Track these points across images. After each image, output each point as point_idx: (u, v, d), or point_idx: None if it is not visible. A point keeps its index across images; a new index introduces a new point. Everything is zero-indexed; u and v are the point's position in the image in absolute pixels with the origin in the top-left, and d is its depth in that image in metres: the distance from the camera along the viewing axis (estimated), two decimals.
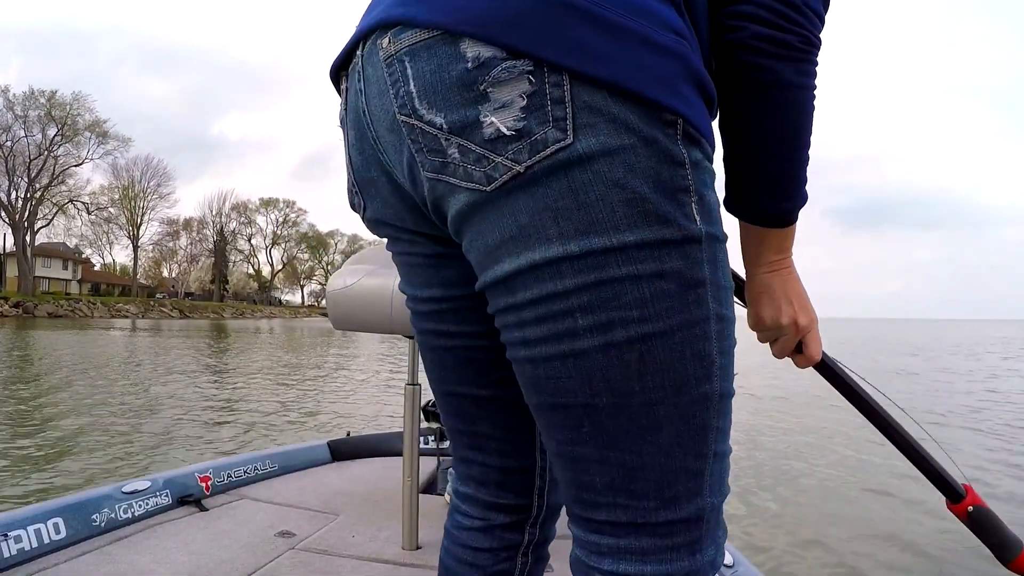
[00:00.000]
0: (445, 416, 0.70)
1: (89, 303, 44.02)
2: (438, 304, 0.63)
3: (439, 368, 0.67)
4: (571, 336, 0.47)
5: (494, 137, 0.45)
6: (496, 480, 0.68)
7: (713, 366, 0.49)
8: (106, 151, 52.96)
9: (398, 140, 0.51)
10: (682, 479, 0.49)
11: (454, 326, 0.63)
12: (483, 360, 0.63)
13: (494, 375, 0.63)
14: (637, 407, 0.47)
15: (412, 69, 0.48)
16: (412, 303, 0.66)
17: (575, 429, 0.50)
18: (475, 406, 0.66)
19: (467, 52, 0.45)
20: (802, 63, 0.52)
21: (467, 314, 0.61)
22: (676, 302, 0.46)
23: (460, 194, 0.48)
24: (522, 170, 0.45)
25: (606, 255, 0.45)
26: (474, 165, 0.47)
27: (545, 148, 0.44)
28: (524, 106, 0.44)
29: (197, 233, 69.92)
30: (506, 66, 0.44)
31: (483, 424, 0.67)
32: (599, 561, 0.52)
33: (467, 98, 0.46)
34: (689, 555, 0.51)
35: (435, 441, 2.41)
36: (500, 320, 0.52)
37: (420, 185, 0.52)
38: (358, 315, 1.48)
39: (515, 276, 0.48)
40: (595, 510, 0.51)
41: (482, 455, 0.68)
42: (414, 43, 0.47)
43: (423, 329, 0.66)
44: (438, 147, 0.48)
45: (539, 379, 0.50)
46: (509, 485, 0.68)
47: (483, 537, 0.69)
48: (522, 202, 0.46)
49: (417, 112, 0.48)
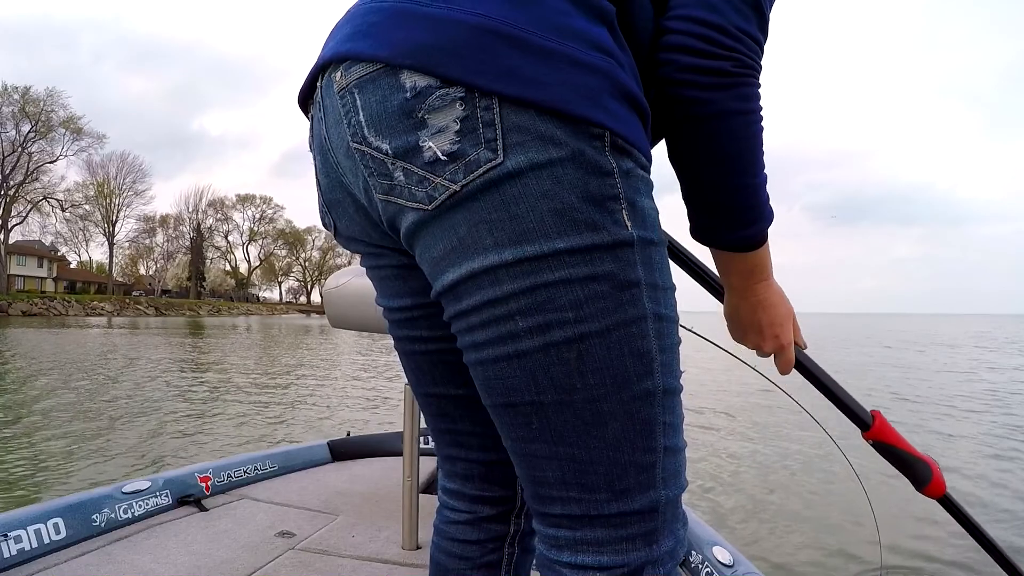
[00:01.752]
0: (428, 416, 0.73)
1: (64, 301, 43.30)
2: (410, 312, 0.66)
3: (417, 372, 0.69)
4: (513, 338, 0.50)
5: (432, 160, 0.49)
6: (480, 474, 0.71)
7: (653, 363, 0.51)
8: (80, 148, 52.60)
9: (353, 165, 0.55)
10: (632, 472, 0.51)
11: (426, 331, 0.66)
12: (455, 362, 0.65)
13: (468, 375, 0.65)
14: (581, 403, 0.50)
15: (360, 100, 0.51)
16: (387, 313, 0.70)
17: (525, 427, 0.52)
18: (454, 405, 0.69)
19: (406, 82, 0.49)
20: (741, 87, 0.53)
21: (436, 320, 0.63)
22: (610, 303, 0.49)
23: (408, 213, 0.52)
24: (458, 189, 0.48)
25: (539, 261, 0.48)
26: (417, 186, 0.50)
27: (478, 168, 0.48)
28: (458, 130, 0.48)
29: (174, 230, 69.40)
30: (440, 94, 0.48)
31: (463, 422, 0.69)
32: (558, 554, 0.54)
33: (407, 125, 0.49)
34: (645, 546, 0.52)
35: None
36: (453, 327, 0.54)
37: (375, 204, 0.55)
38: (352, 314, 1.49)
39: (458, 284, 0.51)
40: (551, 504, 0.54)
41: (464, 451, 0.70)
42: (361, 76, 0.51)
43: (399, 336, 0.69)
44: (385, 171, 0.52)
45: (489, 380, 0.53)
46: (493, 478, 0.70)
47: (471, 530, 0.71)
48: (460, 217, 0.49)
49: (367, 140, 0.52)
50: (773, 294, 0.67)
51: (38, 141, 48.99)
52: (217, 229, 74.07)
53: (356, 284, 1.48)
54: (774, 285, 0.67)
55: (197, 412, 5.86)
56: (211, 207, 72.72)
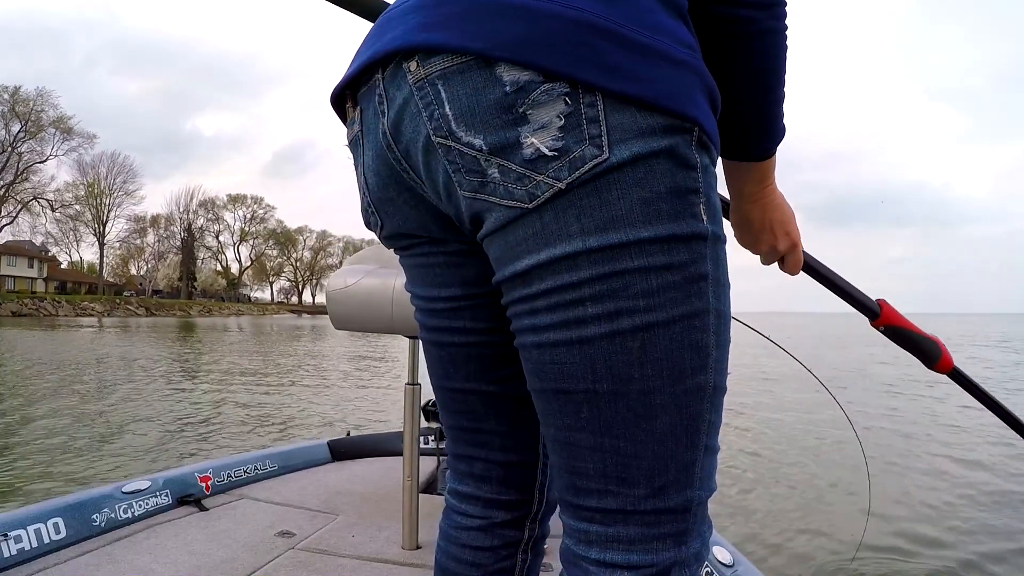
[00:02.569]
0: (449, 414, 0.71)
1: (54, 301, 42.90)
2: (456, 302, 0.65)
3: (448, 365, 0.68)
4: (579, 324, 0.49)
5: (535, 157, 0.48)
6: (499, 476, 0.69)
7: (709, 358, 0.51)
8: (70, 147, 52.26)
9: (432, 160, 0.52)
10: (673, 469, 0.51)
11: (469, 323, 0.65)
12: (492, 356, 0.65)
13: (502, 371, 0.66)
14: (635, 394, 0.50)
15: (446, 93, 0.49)
16: (426, 303, 0.68)
17: (574, 415, 0.52)
18: (482, 403, 0.68)
19: (503, 76, 0.47)
20: (776, 7, 0.57)
21: (481, 311, 0.64)
22: (679, 294, 0.49)
23: (498, 211, 0.50)
24: (564, 187, 0.47)
25: (621, 249, 0.48)
26: (515, 184, 0.49)
27: (584, 165, 0.47)
28: (562, 126, 0.47)
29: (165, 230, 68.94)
30: (544, 89, 0.47)
31: (489, 420, 0.68)
32: (587, 549, 0.54)
33: (506, 120, 0.48)
34: (675, 546, 0.52)
35: (435, 441, 2.42)
36: (513, 309, 0.54)
37: (456, 202, 0.53)
38: (359, 315, 1.49)
39: (532, 270, 0.50)
40: (586, 496, 0.53)
41: (485, 451, 0.69)
42: (446, 67, 0.49)
43: (436, 327, 0.68)
44: (477, 168, 0.50)
45: (544, 364, 0.52)
46: (511, 481, 0.69)
47: (484, 536, 0.69)
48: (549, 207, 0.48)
49: (454, 134, 0.50)
50: (779, 196, 0.70)
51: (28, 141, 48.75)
52: (208, 229, 74.03)
53: (365, 284, 1.48)
54: (778, 188, 0.70)
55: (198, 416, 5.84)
56: (202, 207, 72.74)
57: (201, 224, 72.71)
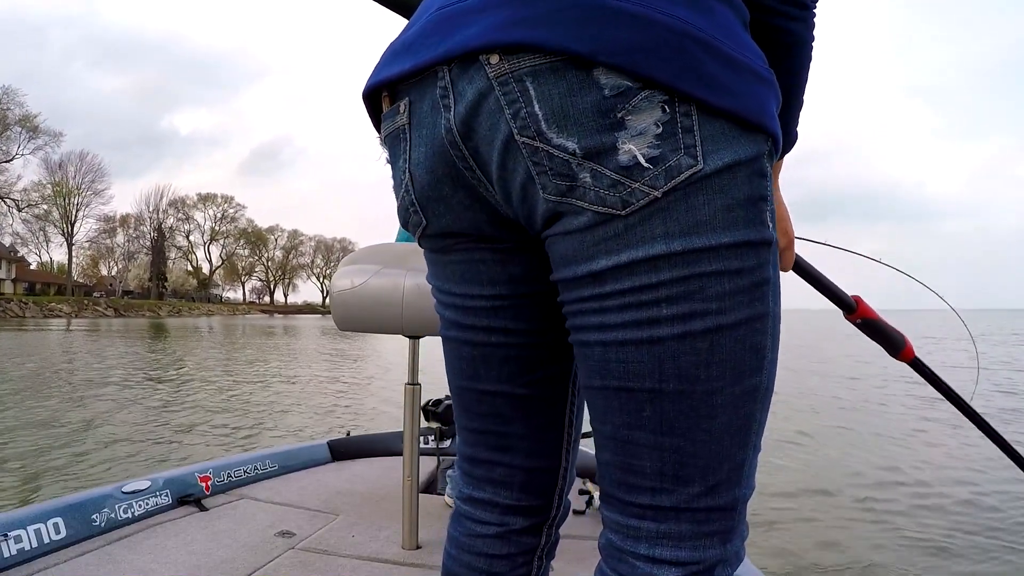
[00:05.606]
0: (471, 416, 0.69)
1: (21, 302, 42.64)
2: (499, 301, 0.63)
3: (480, 365, 0.66)
4: (652, 324, 0.50)
5: (631, 164, 0.47)
6: (521, 481, 0.68)
7: (765, 360, 0.52)
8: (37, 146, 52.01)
9: (511, 160, 0.51)
10: (725, 468, 0.52)
11: (510, 323, 0.64)
12: (528, 357, 0.65)
13: (536, 373, 0.65)
14: (700, 395, 0.51)
15: (536, 91, 0.48)
16: (463, 300, 0.65)
17: (636, 413, 0.52)
18: (510, 406, 0.66)
19: (602, 79, 0.47)
20: (811, 20, 0.61)
21: (524, 311, 0.63)
22: (747, 297, 0.50)
23: (584, 215, 0.50)
24: (659, 195, 0.48)
25: (702, 253, 0.48)
26: (608, 190, 0.48)
27: (679, 174, 0.47)
28: (659, 134, 0.47)
29: (135, 230, 68.96)
30: (645, 95, 0.47)
31: (516, 424, 0.67)
32: (635, 545, 0.54)
33: (603, 125, 0.47)
34: (720, 544, 0.54)
35: (435, 441, 2.42)
36: (575, 307, 0.54)
37: (532, 203, 0.52)
38: (366, 316, 1.47)
39: (609, 271, 0.50)
40: (640, 494, 0.54)
41: (509, 456, 0.68)
42: (537, 65, 0.48)
43: (471, 325, 0.66)
44: (568, 171, 0.49)
45: (608, 362, 0.52)
46: (533, 486, 0.68)
47: (500, 543, 0.68)
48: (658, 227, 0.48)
49: (544, 135, 0.49)
50: (779, 195, 0.72)
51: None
52: (178, 229, 74.08)
53: (374, 284, 1.46)
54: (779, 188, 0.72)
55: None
56: (172, 206, 72.70)
57: (171, 224, 72.91)
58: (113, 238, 66.99)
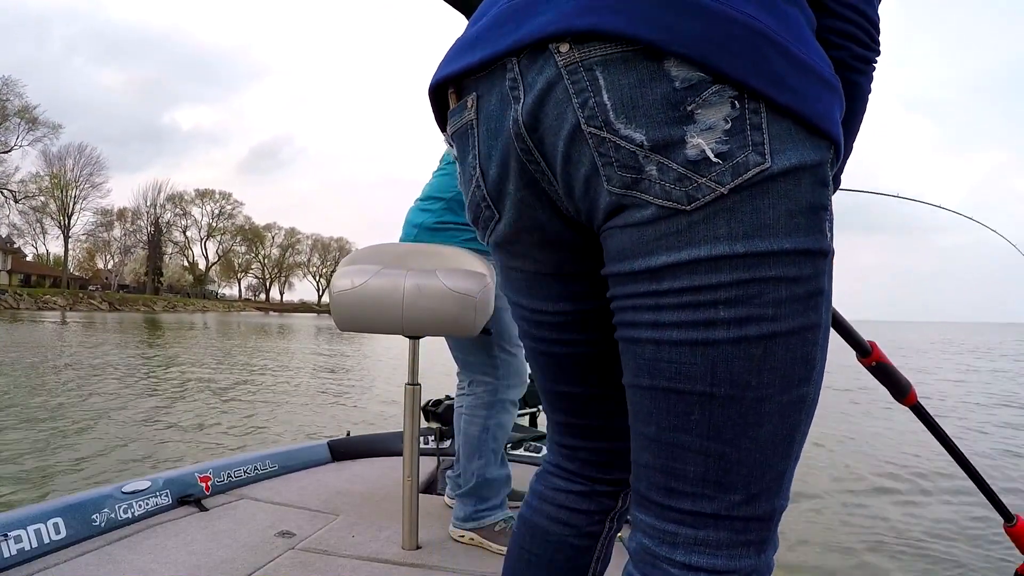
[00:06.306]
0: (555, 411, 0.74)
1: (15, 294, 42.56)
2: (565, 317, 0.66)
3: (554, 371, 0.70)
4: (708, 326, 0.49)
5: (699, 159, 0.47)
6: (605, 460, 0.73)
7: (814, 371, 0.52)
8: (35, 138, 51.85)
9: (576, 151, 0.51)
10: (768, 477, 0.52)
11: (577, 335, 0.66)
12: (598, 362, 0.67)
13: (608, 374, 0.67)
14: (750, 401, 0.50)
15: (605, 80, 0.48)
16: (533, 315, 0.68)
17: (683, 416, 0.52)
18: (585, 403, 0.71)
19: (673, 71, 0.47)
20: (872, 73, 0.63)
21: (588, 323, 0.65)
22: (801, 306, 0.50)
23: (648, 208, 0.49)
24: (726, 192, 0.47)
25: (764, 257, 0.48)
26: (675, 184, 0.48)
27: (747, 171, 0.47)
28: (727, 129, 0.47)
29: (132, 224, 68.65)
30: (716, 89, 0.47)
31: (595, 417, 0.71)
32: (670, 551, 0.54)
33: (672, 117, 0.47)
34: (756, 553, 0.53)
35: (435, 441, 2.42)
36: (628, 302, 0.53)
37: (594, 196, 0.52)
38: (366, 316, 1.47)
39: (667, 268, 0.49)
40: (680, 499, 0.53)
41: (592, 442, 0.72)
42: (608, 54, 0.48)
43: (541, 337, 0.69)
44: (634, 163, 0.49)
45: (659, 362, 0.52)
46: (615, 463, 0.72)
47: (583, 500, 0.72)
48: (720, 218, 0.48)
49: (611, 126, 0.48)
50: None
51: None
52: (175, 224, 73.99)
53: (374, 284, 1.46)
54: None
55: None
56: (170, 201, 72.51)
57: (168, 219, 72.73)
58: (110, 232, 66.96)
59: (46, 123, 52.58)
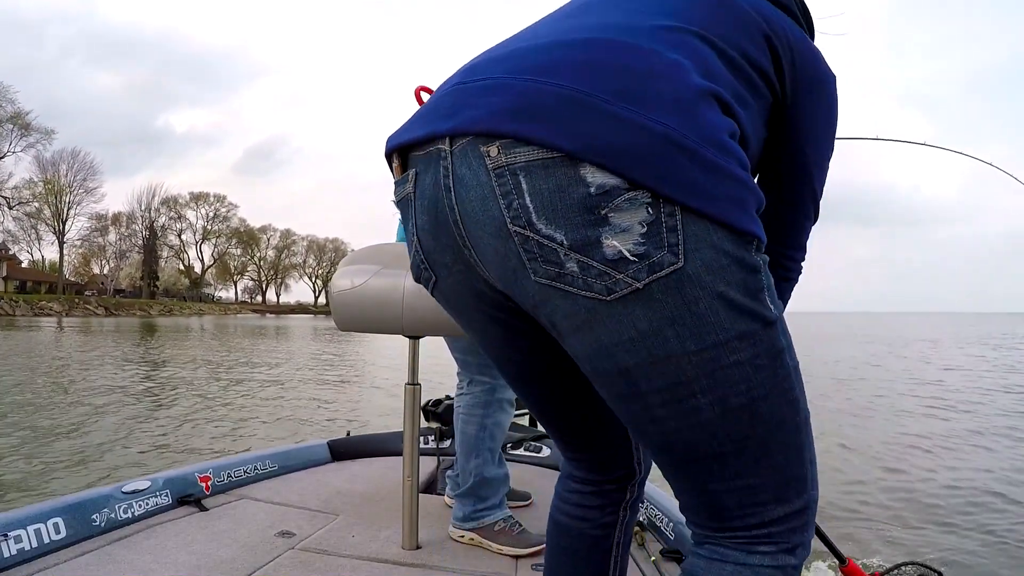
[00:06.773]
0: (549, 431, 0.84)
1: (11, 301, 42.54)
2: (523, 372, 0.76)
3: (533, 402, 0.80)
4: (695, 411, 0.56)
5: (616, 258, 0.52)
6: (605, 464, 0.82)
7: (798, 403, 0.60)
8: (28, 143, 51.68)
9: (502, 245, 0.56)
10: (793, 485, 0.60)
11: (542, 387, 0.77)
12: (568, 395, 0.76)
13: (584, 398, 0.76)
14: (754, 446, 0.58)
15: (527, 185, 0.53)
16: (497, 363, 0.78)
17: (707, 472, 0.59)
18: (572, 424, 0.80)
19: (588, 178, 0.51)
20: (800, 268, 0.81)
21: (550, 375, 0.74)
22: (769, 370, 0.57)
23: (574, 299, 0.55)
24: (641, 287, 0.52)
25: (716, 348, 0.54)
26: (595, 279, 0.53)
27: (661, 269, 0.52)
28: (644, 232, 0.51)
29: (126, 228, 68.42)
30: (628, 196, 0.51)
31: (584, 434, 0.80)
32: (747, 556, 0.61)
33: (587, 220, 0.52)
34: (800, 533, 0.62)
35: (435, 441, 2.42)
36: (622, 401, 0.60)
37: (522, 283, 0.58)
38: (366, 316, 1.47)
39: (635, 368, 0.56)
40: (729, 520, 0.61)
41: (589, 452, 0.82)
42: (531, 160, 0.52)
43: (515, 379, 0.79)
44: (555, 259, 0.54)
45: (671, 443, 0.59)
46: (616, 463, 0.82)
47: (594, 498, 0.82)
48: (640, 311, 0.53)
49: (533, 225, 0.53)
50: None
51: None
52: (170, 228, 73.67)
53: (374, 285, 1.46)
54: None
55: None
56: (164, 205, 72.27)
57: (163, 222, 72.49)
58: (105, 236, 66.72)
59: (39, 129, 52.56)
